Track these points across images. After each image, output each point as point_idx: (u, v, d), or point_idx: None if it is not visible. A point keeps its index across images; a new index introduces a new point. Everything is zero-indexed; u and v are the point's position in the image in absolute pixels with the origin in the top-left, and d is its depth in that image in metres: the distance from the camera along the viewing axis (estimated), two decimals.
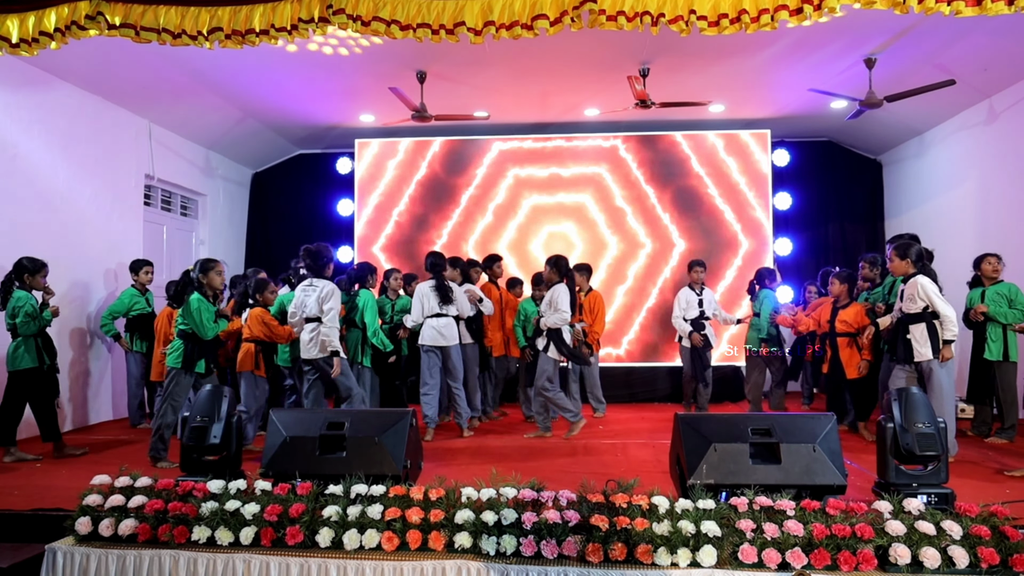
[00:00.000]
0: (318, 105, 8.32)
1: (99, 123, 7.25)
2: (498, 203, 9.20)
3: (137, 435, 6.50)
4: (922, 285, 4.88)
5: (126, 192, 7.67)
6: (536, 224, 9.15)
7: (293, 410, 4.27)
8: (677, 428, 3.84)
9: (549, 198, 9.16)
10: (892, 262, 5.06)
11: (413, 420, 4.02)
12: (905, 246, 5.04)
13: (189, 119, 8.22)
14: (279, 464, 3.80)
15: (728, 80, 7.56)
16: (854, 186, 9.77)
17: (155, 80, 7.07)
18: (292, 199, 10.17)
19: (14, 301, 5.41)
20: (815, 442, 3.62)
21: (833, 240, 9.72)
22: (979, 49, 6.41)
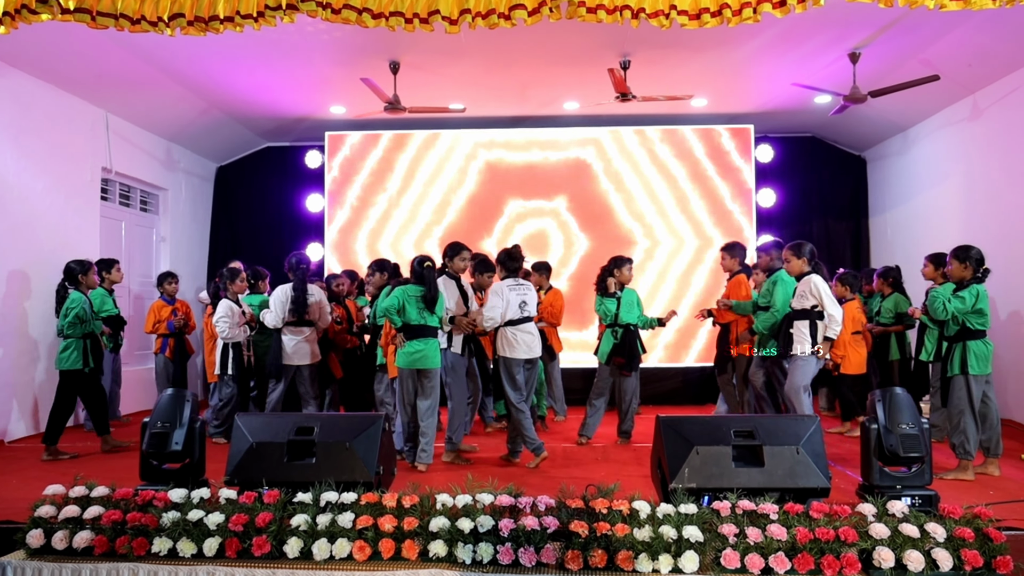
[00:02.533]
0: (286, 96, 8.24)
1: (53, 113, 7.11)
2: (474, 199, 9.19)
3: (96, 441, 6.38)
4: (815, 283, 5.25)
5: (82, 186, 7.53)
6: (513, 220, 9.16)
7: (260, 414, 4.24)
8: (658, 430, 3.87)
9: (526, 193, 9.17)
10: (788, 262, 5.45)
11: (386, 424, 4.01)
12: (799, 245, 5.44)
13: (149, 110, 8.10)
14: (245, 471, 3.77)
15: (711, 74, 7.62)
16: (838, 183, 9.91)
17: (113, 68, 6.95)
18: (259, 194, 10.07)
19: (68, 302, 5.71)
20: (798, 444, 3.67)
21: (817, 237, 9.84)
22: (964, 44, 6.54)
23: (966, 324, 4.94)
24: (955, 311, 4.94)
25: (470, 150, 9.21)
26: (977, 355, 4.95)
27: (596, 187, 9.12)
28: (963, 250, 5.09)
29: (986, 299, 5.00)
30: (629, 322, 5.96)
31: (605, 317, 6.04)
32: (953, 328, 4.99)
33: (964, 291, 4.96)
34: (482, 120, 9.10)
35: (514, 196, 9.14)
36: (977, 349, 4.96)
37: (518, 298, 5.57)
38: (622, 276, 6.01)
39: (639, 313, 6.11)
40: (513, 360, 5.52)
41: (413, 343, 5.12)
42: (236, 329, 5.98)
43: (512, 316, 5.45)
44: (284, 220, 9.97)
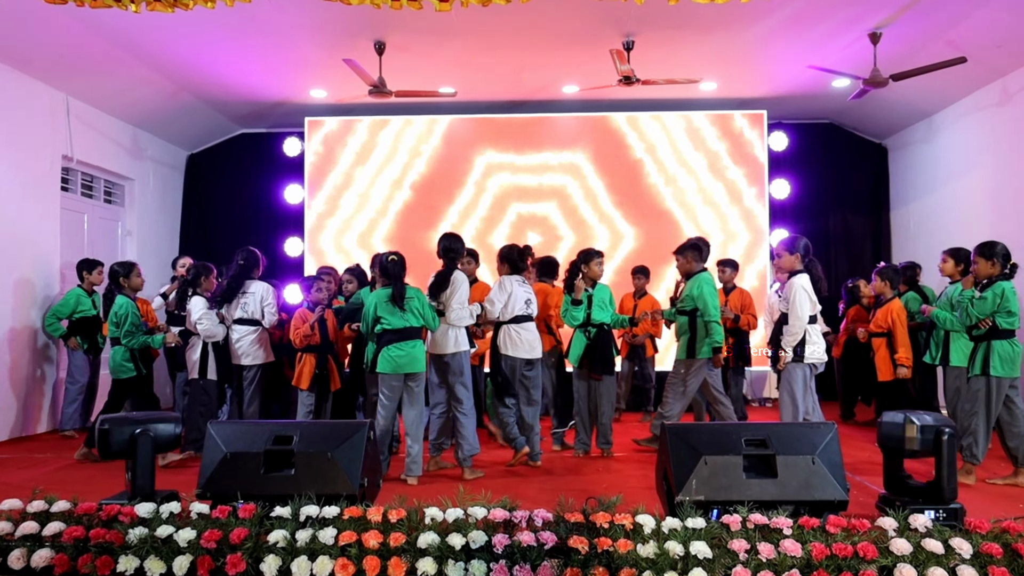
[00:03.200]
0: (263, 78, 8.23)
1: (7, 97, 7.08)
2: (466, 189, 9.19)
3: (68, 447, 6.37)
4: (791, 285, 5.22)
5: (40, 176, 7.50)
6: (508, 212, 9.17)
7: (234, 422, 4.23)
8: (664, 439, 3.88)
9: (523, 183, 9.18)
10: (780, 257, 5.40)
11: (370, 433, 4.01)
12: (793, 240, 5.38)
13: (114, 93, 8.07)
14: (218, 483, 3.76)
15: (721, 56, 7.64)
16: (857, 172, 9.93)
17: (74, 48, 6.92)
18: (233, 185, 10.05)
19: (116, 308, 5.89)
20: (814, 454, 3.69)
21: (834, 232, 9.88)
22: (992, 24, 6.56)
23: (995, 323, 4.96)
24: (977, 316, 4.96)
25: (464, 138, 9.21)
26: (1002, 356, 4.97)
27: (594, 179, 9.13)
28: (988, 246, 5.12)
29: (1014, 297, 5.02)
30: (602, 321, 5.92)
31: (573, 321, 5.92)
32: (980, 329, 5.02)
33: (987, 290, 4.98)
34: (474, 105, 9.10)
35: (514, 196, 9.15)
36: (1002, 350, 4.98)
37: (524, 295, 5.70)
38: (591, 271, 5.92)
39: (612, 311, 6.06)
40: (517, 359, 5.61)
41: (394, 346, 5.14)
42: (220, 326, 5.94)
43: (518, 312, 5.61)
44: (260, 212, 9.95)
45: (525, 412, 5.73)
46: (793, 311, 5.17)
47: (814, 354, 5.24)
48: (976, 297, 5.06)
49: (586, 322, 5.91)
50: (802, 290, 5.18)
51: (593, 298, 5.91)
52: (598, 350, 5.87)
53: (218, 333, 5.92)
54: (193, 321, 5.89)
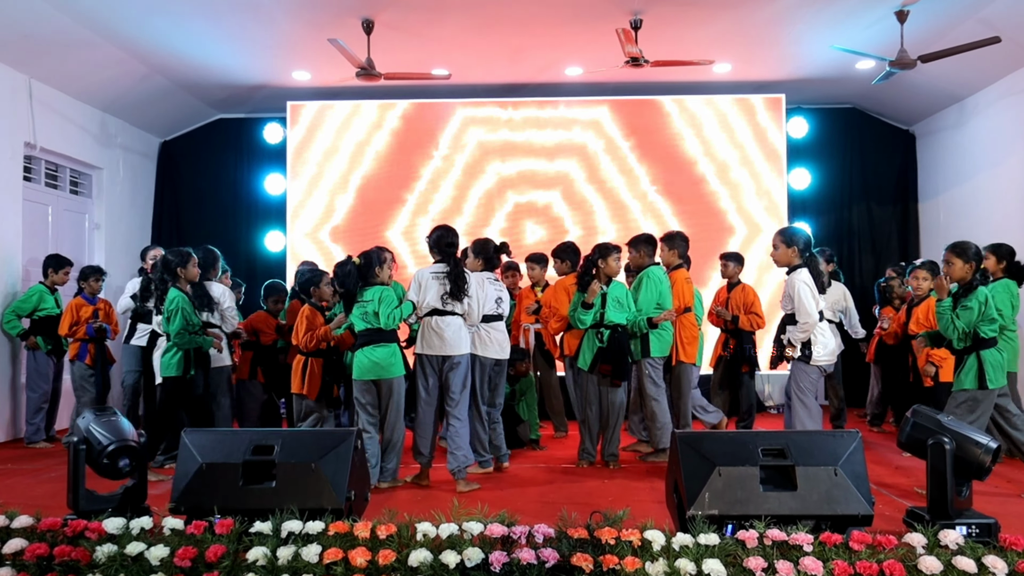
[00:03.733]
0: (242, 59, 8.21)
1: None
2: (461, 180, 9.19)
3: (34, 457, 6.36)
4: (791, 282, 5.22)
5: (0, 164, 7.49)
6: (505, 203, 9.16)
7: (210, 431, 4.22)
8: (674, 449, 3.87)
9: (522, 173, 9.18)
10: (776, 249, 5.37)
11: (358, 442, 4.00)
12: (790, 233, 5.37)
13: (80, 75, 8.05)
14: (193, 497, 3.75)
15: (736, 35, 7.63)
16: (883, 161, 9.93)
17: (36, 26, 6.90)
18: (210, 174, 10.04)
19: (168, 304, 5.73)
20: (837, 464, 3.68)
21: (858, 225, 9.87)
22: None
23: (978, 333, 4.95)
24: (964, 327, 4.96)
25: (459, 124, 9.20)
26: (994, 367, 4.98)
27: (599, 168, 9.13)
28: (962, 246, 5.11)
29: (1004, 300, 4.99)
30: (617, 322, 5.90)
31: (581, 324, 5.88)
32: (960, 342, 5.02)
33: (969, 298, 4.96)
34: (470, 88, 9.09)
35: (514, 185, 9.14)
36: (993, 359, 4.98)
37: (495, 293, 5.80)
38: (609, 268, 5.92)
39: (630, 310, 6.01)
40: (486, 359, 5.71)
41: (364, 350, 5.29)
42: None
43: (488, 311, 5.69)
44: (240, 204, 9.95)
45: (491, 413, 5.89)
46: (800, 307, 5.15)
47: (822, 355, 5.22)
48: (962, 307, 5.04)
49: (599, 323, 5.89)
50: (804, 285, 5.16)
51: (608, 296, 5.88)
52: (614, 353, 5.83)
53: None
54: (160, 319, 5.87)
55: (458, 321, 5.48)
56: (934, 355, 6.18)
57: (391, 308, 5.31)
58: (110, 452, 3.83)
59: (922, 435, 3.96)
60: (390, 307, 5.31)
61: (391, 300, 5.35)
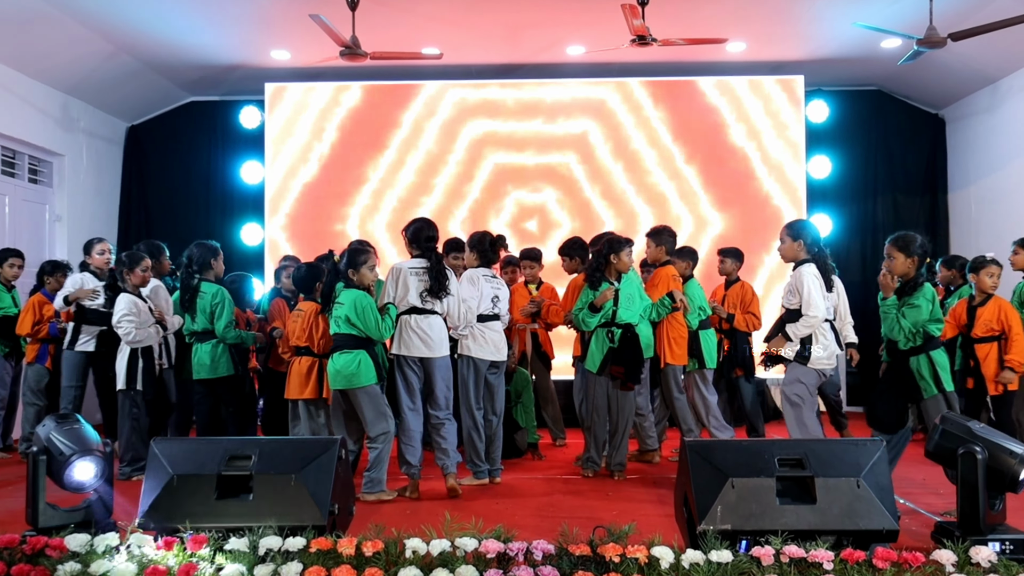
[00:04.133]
0: (216, 37, 8.20)
1: None
2: (454, 170, 9.18)
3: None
4: (797, 275, 5.23)
5: None
6: (502, 196, 9.17)
7: (182, 440, 4.23)
8: (684, 458, 3.88)
9: (519, 162, 9.18)
10: (783, 242, 5.36)
11: (342, 451, 4.00)
12: (799, 226, 5.36)
13: (40, 54, 8.04)
14: (163, 512, 3.75)
15: (751, 11, 7.63)
16: (909, 148, 9.95)
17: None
18: (181, 162, 10.03)
19: (209, 298, 5.93)
20: (859, 475, 3.69)
21: (883, 217, 9.88)
22: None
23: (927, 333, 4.96)
24: (911, 327, 4.96)
25: (451, 108, 9.18)
26: (943, 368, 5.00)
27: (604, 156, 9.14)
28: (906, 240, 5.12)
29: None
30: (629, 321, 5.89)
31: (587, 326, 5.89)
32: (908, 342, 5.04)
33: (915, 296, 4.96)
34: (463, 69, 9.07)
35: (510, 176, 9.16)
36: (942, 360, 4.99)
37: (492, 291, 5.82)
38: (621, 263, 5.92)
39: (643, 307, 6.01)
40: (480, 361, 5.71)
41: (332, 357, 5.31)
42: (146, 328, 5.94)
43: (483, 311, 5.73)
44: (214, 194, 9.94)
45: (493, 421, 5.88)
46: (807, 300, 5.13)
47: (821, 357, 5.22)
48: (909, 305, 5.03)
49: (610, 321, 5.88)
50: (812, 278, 5.15)
51: (620, 293, 5.88)
52: (626, 354, 5.83)
53: (143, 339, 5.90)
54: (114, 322, 5.87)
55: (439, 320, 5.49)
56: (1014, 360, 6.13)
57: (373, 317, 5.21)
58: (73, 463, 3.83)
59: (951, 444, 3.97)
60: (372, 317, 5.21)
61: (369, 308, 5.22)
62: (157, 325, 6.06)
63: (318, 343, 5.61)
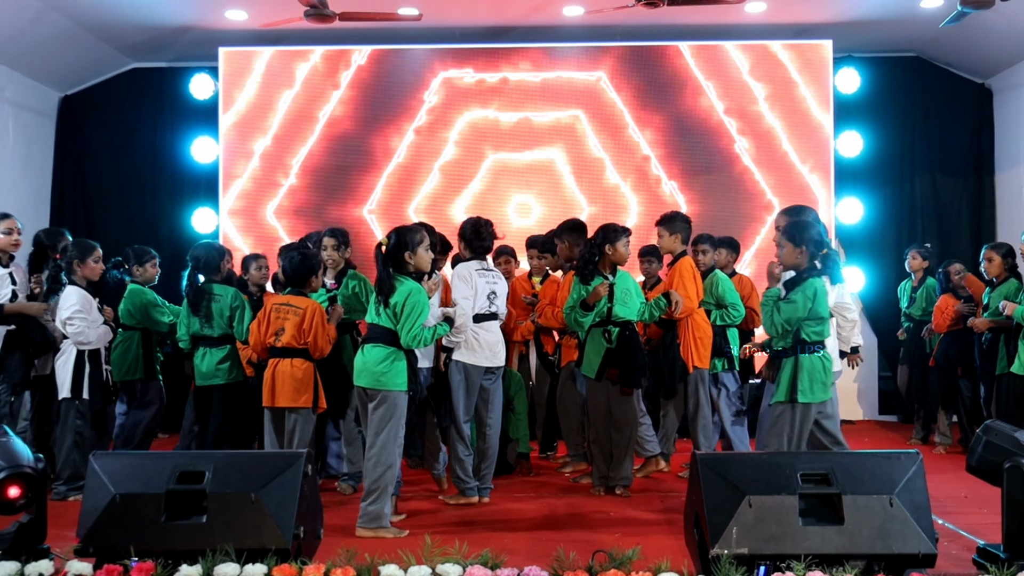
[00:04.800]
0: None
1: None
2: (437, 145, 9.18)
3: None
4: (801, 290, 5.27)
5: None
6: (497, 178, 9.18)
7: (124, 454, 4.23)
8: (695, 474, 3.90)
9: (509, 135, 9.18)
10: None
11: (308, 467, 4.00)
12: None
13: None
14: (104, 535, 3.74)
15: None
16: (951, 122, 9.94)
17: None
18: (123, 137, 9.97)
19: (233, 299, 6.05)
20: (893, 492, 3.72)
21: (922, 200, 9.87)
22: None
23: (800, 334, 4.98)
24: (784, 323, 4.97)
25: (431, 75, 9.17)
26: (812, 376, 4.93)
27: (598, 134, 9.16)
28: (799, 228, 5.17)
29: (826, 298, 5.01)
30: (627, 318, 5.92)
31: (579, 326, 5.93)
32: (782, 342, 5.06)
33: (795, 291, 4.97)
34: (445, 31, 9.06)
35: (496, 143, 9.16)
36: (811, 367, 4.95)
37: (487, 287, 5.75)
38: (617, 255, 5.94)
39: (640, 303, 6.04)
40: (474, 367, 5.70)
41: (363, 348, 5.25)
42: (96, 328, 5.92)
43: (479, 310, 5.69)
44: (161, 174, 9.89)
45: (488, 435, 5.91)
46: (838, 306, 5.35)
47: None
48: (782, 299, 5.04)
49: (606, 319, 5.91)
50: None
51: (615, 288, 5.91)
52: (627, 355, 5.86)
53: (92, 339, 5.89)
54: (62, 319, 5.85)
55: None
56: None
57: (416, 324, 5.04)
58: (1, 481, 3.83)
59: (996, 457, 4.00)
60: (416, 321, 5.05)
61: (421, 310, 5.06)
62: (107, 327, 6.06)
63: (320, 346, 5.61)
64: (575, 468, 6.81)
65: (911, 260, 8.26)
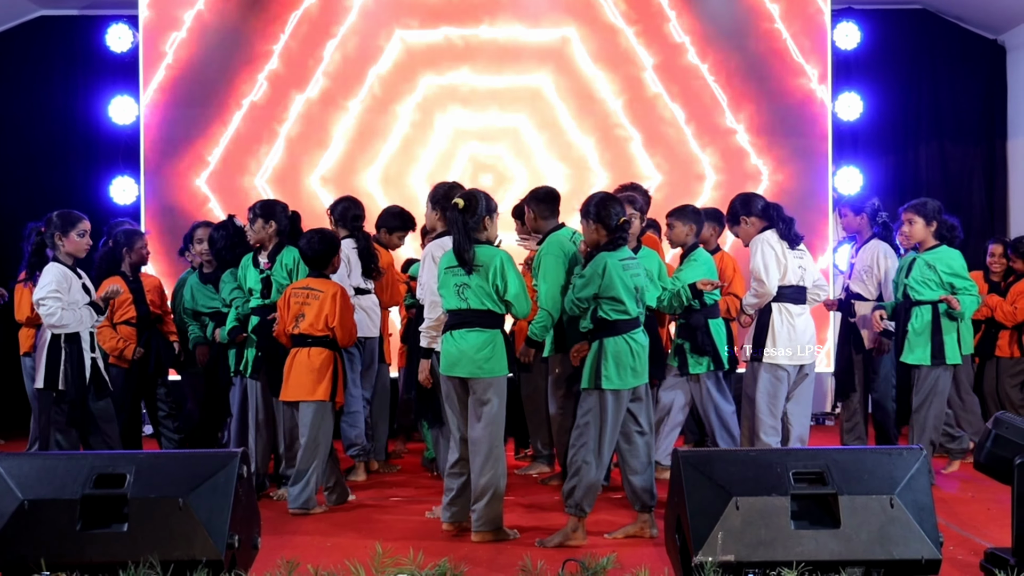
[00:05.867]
0: None
1: None
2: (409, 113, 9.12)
3: None
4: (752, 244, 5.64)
5: None
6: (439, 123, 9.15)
7: (35, 454, 4.19)
8: (676, 473, 3.92)
9: (470, 86, 9.14)
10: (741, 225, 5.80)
11: (244, 467, 3.98)
12: (746, 200, 5.86)
13: None
14: (12, 546, 3.72)
15: None
16: (962, 83, 10.00)
17: None
18: (28, 94, 9.83)
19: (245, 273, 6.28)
20: (894, 492, 3.76)
21: (928, 169, 9.94)
22: None
23: (598, 312, 5.07)
24: (575, 301, 5.07)
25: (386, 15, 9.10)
26: (617, 360, 5.00)
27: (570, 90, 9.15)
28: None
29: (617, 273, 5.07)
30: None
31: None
32: (586, 322, 5.17)
33: (588, 265, 5.10)
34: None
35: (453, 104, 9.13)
36: (616, 350, 5.02)
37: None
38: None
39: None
40: None
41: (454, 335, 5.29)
42: (76, 310, 5.82)
43: None
44: (73, 137, 9.77)
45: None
46: (755, 269, 5.53)
47: (779, 352, 5.38)
48: (577, 274, 5.20)
49: None
50: (767, 245, 5.41)
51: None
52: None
53: (68, 322, 5.79)
54: (35, 299, 5.78)
55: None
56: None
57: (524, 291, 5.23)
58: None
59: (1007, 452, 4.05)
60: (519, 285, 5.21)
61: (512, 272, 5.21)
62: (90, 307, 5.97)
63: (347, 331, 5.74)
64: (541, 471, 6.85)
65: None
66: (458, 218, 5.15)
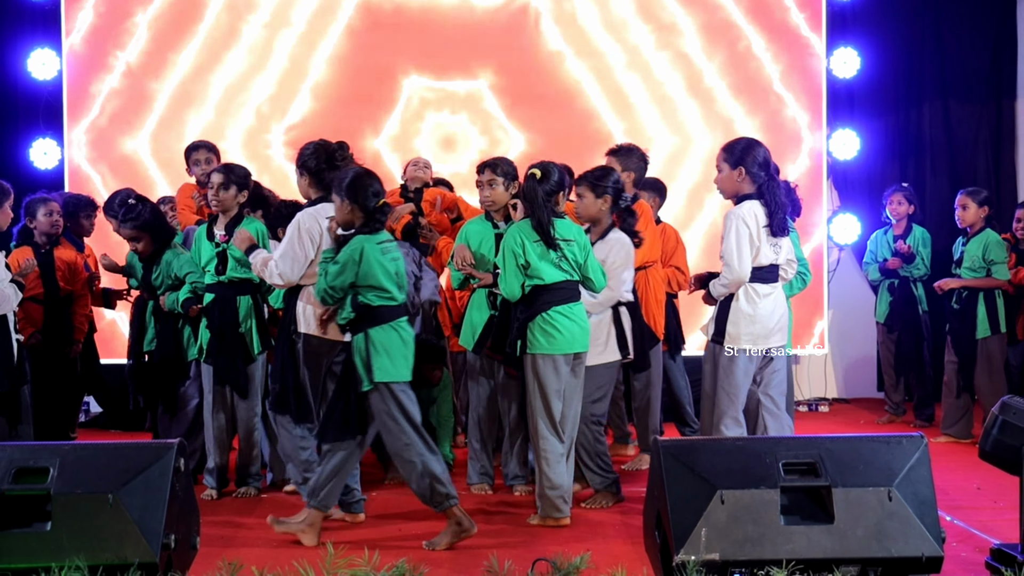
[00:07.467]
0: None
1: None
2: (348, 68, 9.12)
3: None
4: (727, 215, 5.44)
5: None
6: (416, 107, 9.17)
7: None
8: (656, 464, 3.93)
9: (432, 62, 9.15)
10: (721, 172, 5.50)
11: (180, 460, 3.96)
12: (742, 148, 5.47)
13: None
14: None
15: None
16: (967, 38, 10.02)
17: None
18: None
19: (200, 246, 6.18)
20: (892, 484, 3.78)
21: (931, 131, 9.95)
22: None
23: (359, 300, 5.10)
24: (323, 293, 5.07)
25: None
26: (388, 348, 5.03)
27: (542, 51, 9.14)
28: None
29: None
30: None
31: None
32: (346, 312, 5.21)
33: (343, 250, 5.11)
34: None
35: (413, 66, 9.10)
36: (386, 339, 5.04)
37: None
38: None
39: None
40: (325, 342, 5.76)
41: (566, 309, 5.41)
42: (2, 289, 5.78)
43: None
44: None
45: None
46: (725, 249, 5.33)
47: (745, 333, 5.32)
48: (327, 259, 5.23)
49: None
50: (740, 221, 5.26)
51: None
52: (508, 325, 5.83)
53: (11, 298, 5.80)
54: None
55: None
56: None
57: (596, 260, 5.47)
58: None
59: (1015, 440, 4.08)
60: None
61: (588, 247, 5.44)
62: (14, 284, 5.90)
63: None
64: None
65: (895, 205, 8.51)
66: (533, 189, 5.28)
